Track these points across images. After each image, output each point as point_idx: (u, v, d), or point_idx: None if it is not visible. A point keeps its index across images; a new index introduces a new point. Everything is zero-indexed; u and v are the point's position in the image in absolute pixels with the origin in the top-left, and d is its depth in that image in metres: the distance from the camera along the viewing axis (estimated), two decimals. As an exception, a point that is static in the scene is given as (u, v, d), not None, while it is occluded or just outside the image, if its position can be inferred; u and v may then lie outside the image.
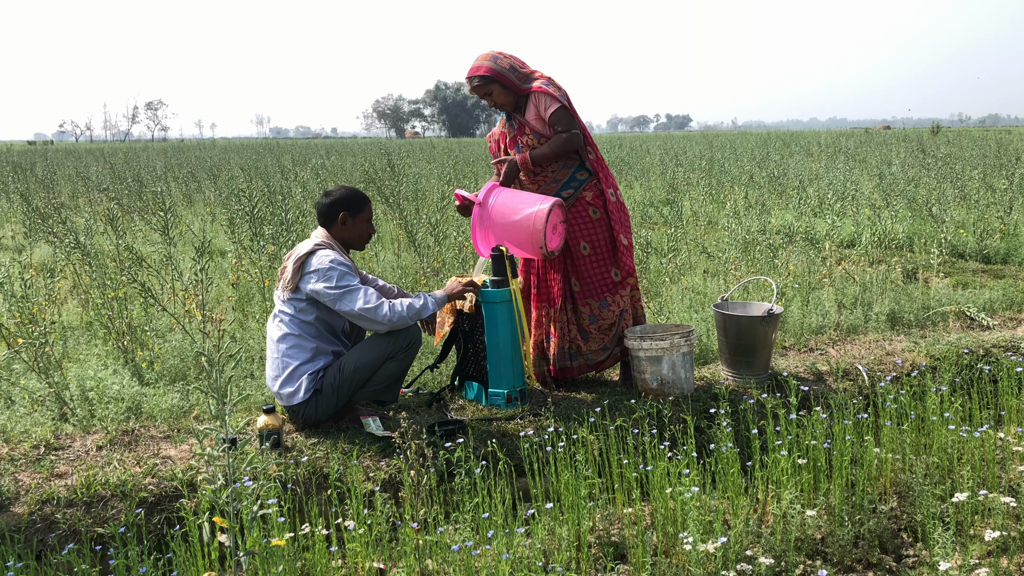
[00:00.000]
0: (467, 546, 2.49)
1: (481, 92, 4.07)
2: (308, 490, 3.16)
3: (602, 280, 4.12)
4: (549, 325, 4.22)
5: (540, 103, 4.05)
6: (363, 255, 7.24)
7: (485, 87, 4.05)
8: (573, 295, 4.16)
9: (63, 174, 18.01)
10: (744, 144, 27.13)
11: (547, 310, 4.22)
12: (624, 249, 4.13)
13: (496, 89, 4.05)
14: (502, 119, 4.26)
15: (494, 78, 4.02)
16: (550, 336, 4.22)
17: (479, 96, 4.10)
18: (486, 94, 4.08)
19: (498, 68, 4.03)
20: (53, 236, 8.35)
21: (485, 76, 4.03)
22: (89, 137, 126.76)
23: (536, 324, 4.24)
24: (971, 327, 5.40)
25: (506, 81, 4.04)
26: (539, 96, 4.05)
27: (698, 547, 2.49)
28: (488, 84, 4.04)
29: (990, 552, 2.72)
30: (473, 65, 4.08)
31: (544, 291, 4.22)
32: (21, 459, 3.29)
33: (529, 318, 4.25)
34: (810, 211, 10.24)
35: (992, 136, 28.22)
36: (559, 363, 4.19)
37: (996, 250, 7.85)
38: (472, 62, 4.10)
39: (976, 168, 13.85)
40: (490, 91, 4.06)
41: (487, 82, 4.04)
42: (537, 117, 4.07)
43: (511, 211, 3.93)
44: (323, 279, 3.56)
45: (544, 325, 4.24)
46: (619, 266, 4.12)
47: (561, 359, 4.19)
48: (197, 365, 4.58)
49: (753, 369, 4.17)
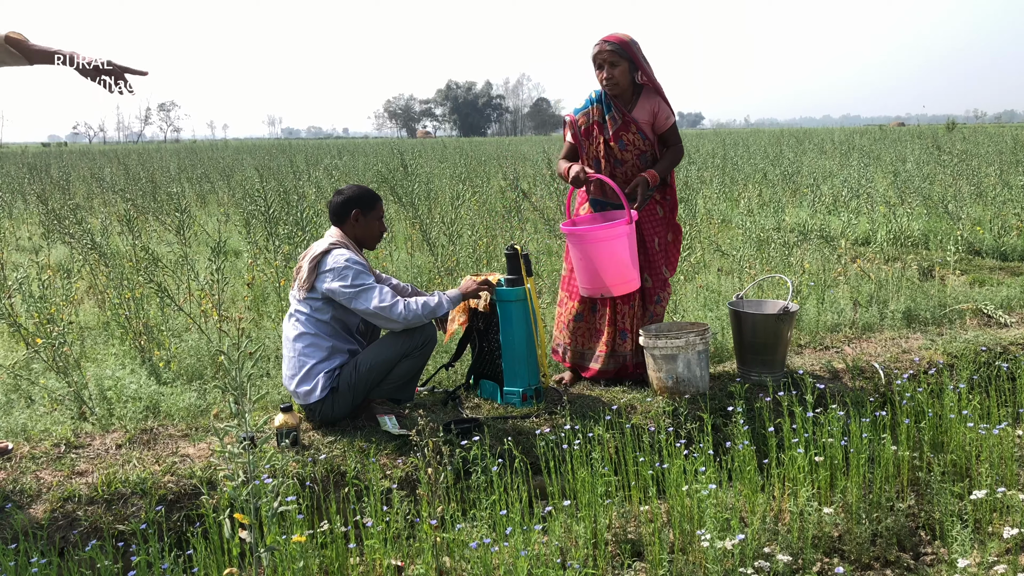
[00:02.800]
0: (485, 543, 2.50)
1: (608, 60, 3.98)
2: (326, 488, 3.18)
3: (661, 277, 4.25)
4: (624, 322, 4.22)
5: (660, 109, 4.09)
6: (376, 255, 7.27)
7: (616, 57, 3.97)
8: (644, 291, 4.21)
9: (78, 175, 18.16)
10: (757, 142, 27.02)
11: (621, 307, 4.21)
12: (674, 249, 4.32)
13: (623, 67, 4.00)
14: (594, 106, 4.14)
15: (628, 55, 3.99)
16: (625, 333, 4.23)
17: (602, 62, 3.99)
18: (610, 64, 3.98)
19: (635, 48, 4.01)
20: (69, 237, 8.42)
21: (621, 47, 3.98)
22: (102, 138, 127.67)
23: (610, 323, 4.21)
24: (988, 324, 5.37)
25: (638, 63, 4.02)
26: (660, 103, 4.10)
27: (715, 544, 2.49)
28: (621, 57, 3.98)
29: (1008, 550, 2.70)
30: (612, 33, 4.01)
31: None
32: (42, 457, 3.32)
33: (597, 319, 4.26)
34: (824, 209, 10.20)
35: (1008, 132, 28.01)
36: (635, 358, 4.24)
37: (1013, 247, 7.79)
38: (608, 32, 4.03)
39: (992, 165, 13.76)
40: (617, 64, 3.99)
41: (621, 55, 3.98)
42: (649, 120, 4.09)
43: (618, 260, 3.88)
44: (339, 278, 3.58)
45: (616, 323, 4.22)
46: (670, 265, 4.30)
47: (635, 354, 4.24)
48: (214, 364, 4.62)
49: (769, 367, 4.16)
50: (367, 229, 3.81)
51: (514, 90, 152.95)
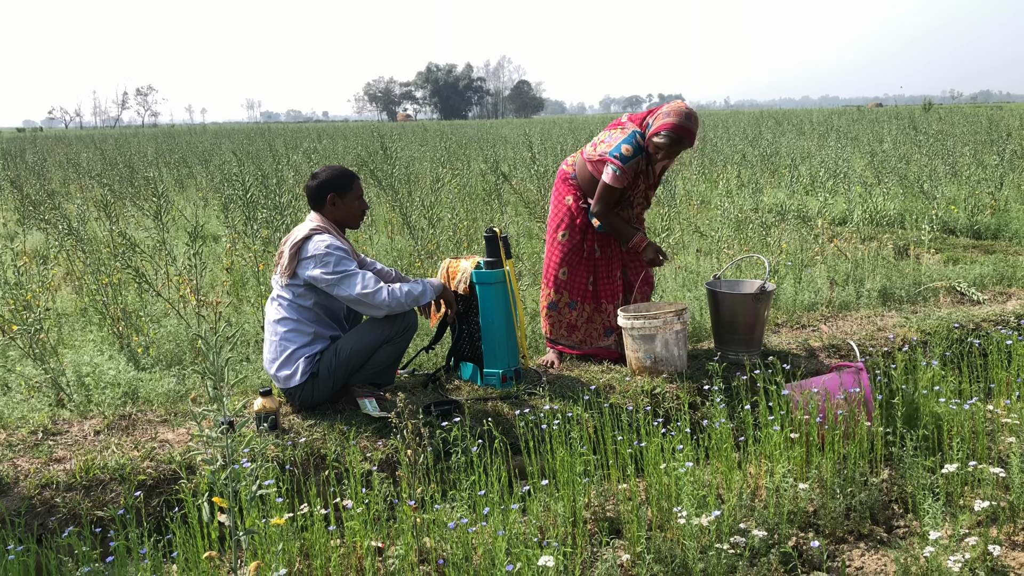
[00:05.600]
0: (463, 523, 2.52)
1: (675, 153, 4.04)
2: (306, 471, 3.18)
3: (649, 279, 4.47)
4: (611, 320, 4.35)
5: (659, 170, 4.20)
6: (357, 238, 7.24)
7: (682, 149, 4.04)
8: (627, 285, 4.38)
9: (54, 161, 17.91)
10: (737, 123, 27.09)
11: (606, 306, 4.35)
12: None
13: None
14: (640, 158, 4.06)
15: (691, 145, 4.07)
16: (611, 331, 4.38)
17: (665, 154, 4.02)
18: (672, 155, 4.05)
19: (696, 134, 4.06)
20: (45, 223, 8.32)
21: (692, 141, 4.02)
22: (79, 124, 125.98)
23: (589, 319, 4.38)
24: (962, 302, 5.44)
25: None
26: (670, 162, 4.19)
27: (692, 521, 2.52)
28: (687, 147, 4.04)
29: (980, 522, 2.76)
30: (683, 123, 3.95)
31: (609, 287, 4.35)
32: (19, 444, 3.31)
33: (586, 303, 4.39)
34: (802, 189, 10.26)
35: (984, 112, 28.22)
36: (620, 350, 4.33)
37: (987, 226, 7.88)
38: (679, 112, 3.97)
39: (967, 144, 13.87)
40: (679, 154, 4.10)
41: (689, 146, 4.04)
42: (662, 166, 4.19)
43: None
44: (320, 265, 3.55)
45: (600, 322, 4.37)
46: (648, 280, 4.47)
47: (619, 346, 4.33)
48: (192, 350, 4.60)
49: (746, 346, 4.20)
50: (347, 211, 3.76)
51: (495, 72, 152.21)
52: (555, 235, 4.31)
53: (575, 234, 4.25)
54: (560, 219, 4.30)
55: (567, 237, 4.26)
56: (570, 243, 4.26)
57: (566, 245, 4.26)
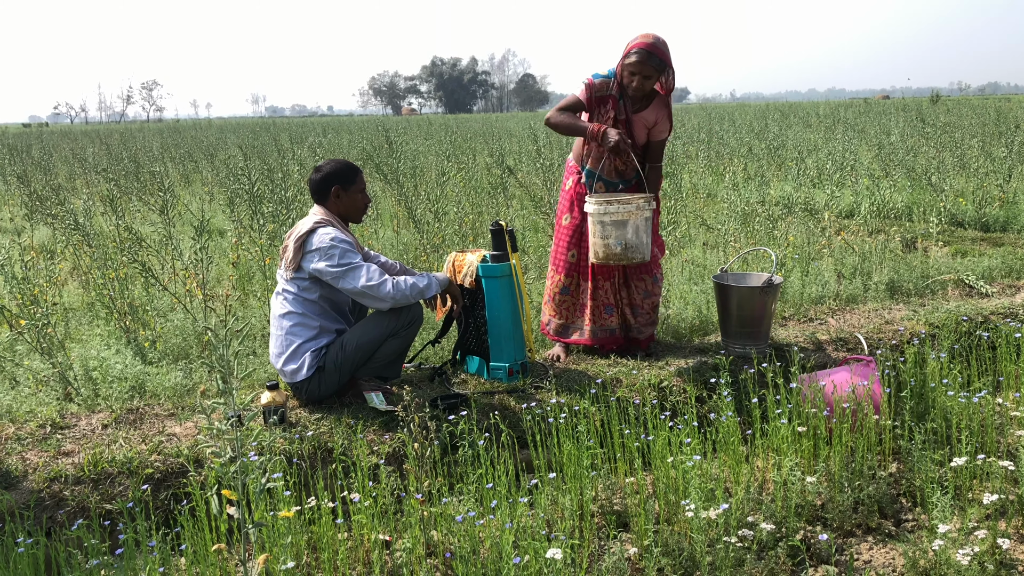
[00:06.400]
0: (471, 516, 2.52)
1: (644, 74, 3.87)
2: (313, 464, 3.19)
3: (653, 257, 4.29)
4: (608, 297, 4.28)
5: (661, 122, 4.07)
6: (362, 232, 7.24)
7: (653, 72, 3.88)
8: (625, 270, 4.26)
9: (60, 156, 17.95)
10: (743, 116, 26.99)
11: (603, 283, 4.26)
12: (656, 226, 4.31)
13: (653, 79, 3.92)
14: (612, 82, 4.00)
15: (663, 72, 3.93)
16: (611, 308, 4.29)
17: (637, 75, 3.88)
18: (644, 76, 3.88)
19: (670, 64, 3.92)
20: (52, 218, 8.34)
21: (664, 62, 3.88)
22: (84, 119, 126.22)
23: (591, 296, 4.27)
24: (970, 295, 5.42)
25: (667, 76, 3.96)
26: (665, 116, 4.07)
27: (700, 514, 2.52)
28: (660, 71, 3.89)
29: (988, 515, 2.75)
30: (654, 40, 3.86)
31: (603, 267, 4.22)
32: (28, 438, 3.32)
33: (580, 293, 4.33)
34: (809, 182, 10.22)
35: (991, 104, 28.06)
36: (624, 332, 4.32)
37: (995, 218, 7.85)
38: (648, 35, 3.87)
39: (975, 136, 13.80)
40: (650, 78, 3.90)
41: (662, 69, 3.90)
42: (646, 127, 4.07)
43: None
44: (325, 258, 3.55)
45: (601, 299, 4.28)
46: (657, 243, 4.30)
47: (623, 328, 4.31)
48: (199, 344, 4.61)
49: (753, 339, 4.19)
50: (350, 204, 3.77)
51: (499, 66, 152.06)
52: (560, 221, 4.35)
53: (575, 215, 4.26)
54: (563, 205, 4.34)
55: (569, 220, 4.29)
56: (572, 225, 4.27)
57: (570, 228, 4.28)
